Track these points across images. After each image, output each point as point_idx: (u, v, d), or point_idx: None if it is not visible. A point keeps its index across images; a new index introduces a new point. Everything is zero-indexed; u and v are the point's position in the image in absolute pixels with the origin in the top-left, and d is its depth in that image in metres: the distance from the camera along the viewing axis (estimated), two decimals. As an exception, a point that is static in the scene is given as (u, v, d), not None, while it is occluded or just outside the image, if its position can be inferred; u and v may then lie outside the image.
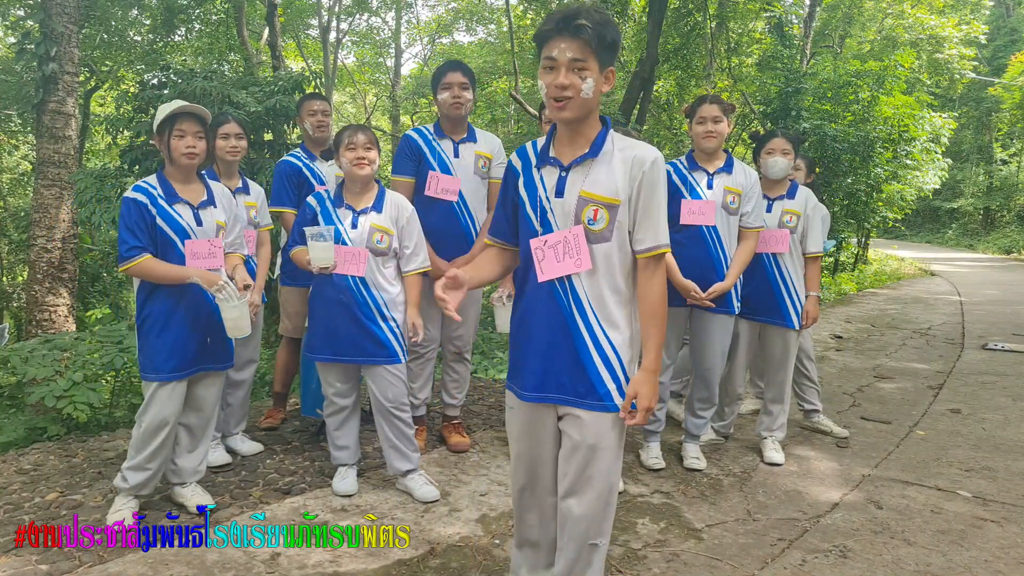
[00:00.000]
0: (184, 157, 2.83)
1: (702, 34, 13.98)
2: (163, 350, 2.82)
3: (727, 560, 2.69)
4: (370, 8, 24.57)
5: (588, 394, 1.97)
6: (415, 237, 3.19)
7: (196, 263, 2.84)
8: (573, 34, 1.82)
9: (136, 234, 2.76)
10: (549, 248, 1.96)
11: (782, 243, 3.66)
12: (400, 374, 3.15)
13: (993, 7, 26.53)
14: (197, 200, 2.92)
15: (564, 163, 1.98)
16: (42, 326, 8.17)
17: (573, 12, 1.82)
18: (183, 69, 6.54)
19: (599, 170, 1.94)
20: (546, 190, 1.99)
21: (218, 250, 2.93)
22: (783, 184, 3.75)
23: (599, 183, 1.93)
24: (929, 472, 3.67)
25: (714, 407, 3.74)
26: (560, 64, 1.84)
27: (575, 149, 1.97)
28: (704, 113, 3.42)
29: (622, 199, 1.92)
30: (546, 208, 1.98)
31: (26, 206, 13.34)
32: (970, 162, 26.61)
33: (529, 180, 2.04)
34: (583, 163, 1.95)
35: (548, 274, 1.96)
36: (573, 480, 2.00)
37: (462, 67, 3.62)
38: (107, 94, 16.39)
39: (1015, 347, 7.01)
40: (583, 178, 1.94)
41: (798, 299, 3.72)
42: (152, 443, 2.83)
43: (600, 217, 1.93)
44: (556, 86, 1.85)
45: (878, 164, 10.83)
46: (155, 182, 2.87)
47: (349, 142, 3.05)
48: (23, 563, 2.53)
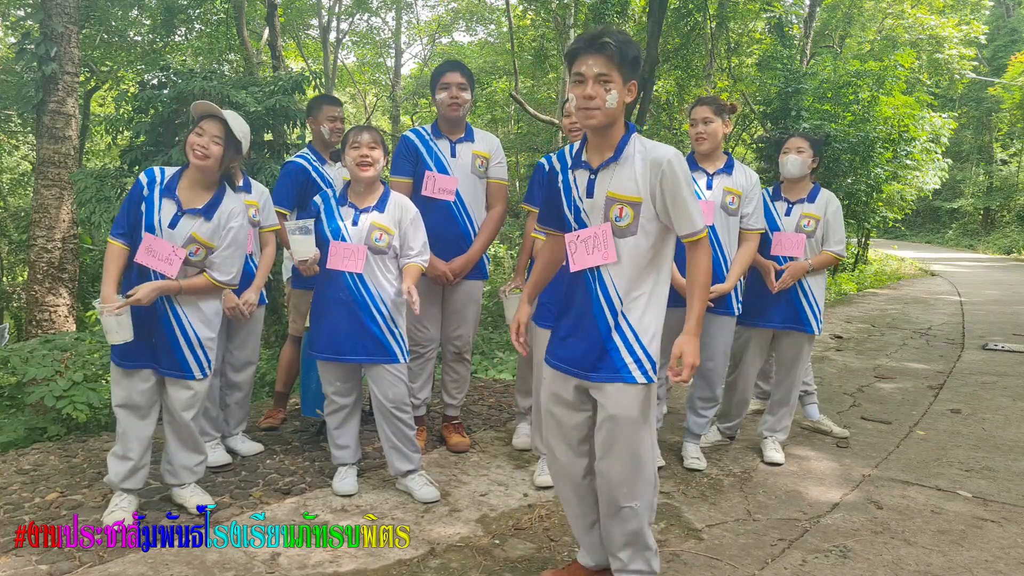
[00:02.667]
0: (193, 154, 2.81)
1: (702, 34, 13.98)
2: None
3: (727, 560, 2.69)
4: (370, 8, 24.56)
5: (607, 368, 2.19)
6: (421, 238, 3.16)
7: (149, 259, 2.78)
8: (599, 51, 2.08)
9: (127, 215, 2.83)
10: (581, 242, 2.22)
11: (797, 248, 3.60)
12: (401, 374, 3.15)
13: (993, 7, 26.51)
14: (190, 205, 2.84)
15: (593, 166, 2.22)
16: (42, 326, 8.17)
17: (599, 33, 2.11)
18: (183, 69, 6.53)
19: (623, 172, 2.17)
20: (578, 190, 2.25)
21: (176, 259, 2.79)
22: (804, 187, 3.68)
23: (623, 184, 2.17)
24: (929, 472, 3.67)
25: (716, 406, 3.73)
26: (588, 78, 2.10)
27: (603, 153, 2.21)
28: (695, 115, 3.45)
29: (644, 197, 2.15)
30: (579, 207, 2.25)
31: (26, 206, 13.35)
32: (970, 162, 26.61)
33: (565, 181, 2.31)
34: (609, 166, 2.19)
35: (579, 265, 2.23)
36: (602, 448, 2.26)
37: (460, 67, 3.62)
38: (107, 94, 16.40)
39: (1015, 347, 7.01)
40: (609, 179, 2.19)
41: (816, 303, 3.65)
42: (121, 426, 2.86)
43: (625, 214, 2.17)
44: (584, 96, 2.10)
45: (878, 164, 10.82)
46: (169, 172, 2.88)
47: (354, 141, 3.06)
48: (23, 563, 2.53)
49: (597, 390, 2.23)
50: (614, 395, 2.19)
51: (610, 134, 2.18)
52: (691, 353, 2.17)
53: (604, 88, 2.09)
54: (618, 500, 2.23)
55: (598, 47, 2.08)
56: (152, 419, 2.93)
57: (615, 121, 2.16)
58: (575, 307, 2.27)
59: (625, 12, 12.59)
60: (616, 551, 2.31)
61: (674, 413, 4.57)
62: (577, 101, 2.13)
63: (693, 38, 13.67)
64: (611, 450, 2.21)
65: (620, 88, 2.11)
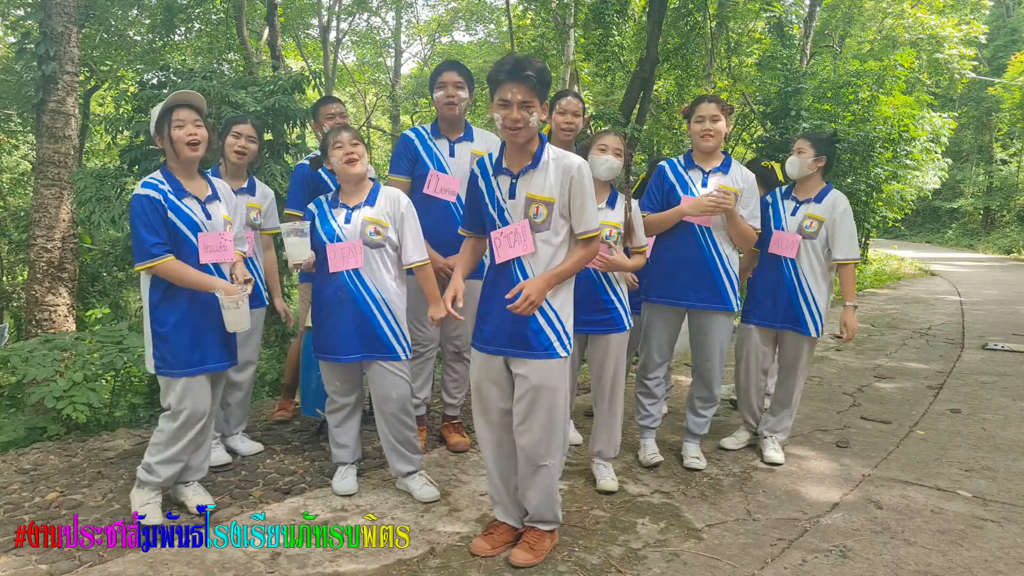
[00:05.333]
0: (187, 147, 2.81)
1: (702, 34, 13.97)
2: (186, 345, 2.83)
3: (727, 560, 2.69)
4: (370, 8, 24.54)
5: (535, 346, 2.53)
6: (414, 228, 3.17)
7: (209, 256, 2.85)
8: (522, 81, 2.41)
9: (157, 231, 2.75)
10: (504, 237, 2.55)
11: (791, 248, 3.60)
12: (403, 373, 3.13)
13: (993, 7, 26.48)
14: (204, 195, 2.92)
15: (514, 172, 2.55)
16: (42, 326, 8.16)
17: (521, 63, 2.42)
18: (183, 69, 6.52)
19: (539, 176, 2.52)
20: (502, 193, 2.57)
21: (228, 243, 2.94)
22: (813, 187, 3.66)
23: (539, 186, 2.52)
24: (929, 472, 3.67)
25: (715, 406, 3.73)
26: (512, 104, 2.42)
27: (522, 160, 2.55)
28: (702, 112, 3.41)
29: (556, 197, 2.50)
30: (503, 207, 2.57)
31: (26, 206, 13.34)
32: (970, 162, 26.59)
33: (488, 185, 2.62)
34: (528, 172, 2.53)
35: (503, 257, 2.55)
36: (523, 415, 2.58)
37: (458, 66, 3.62)
38: (107, 94, 16.37)
39: (1015, 347, 7.01)
40: (528, 183, 2.53)
41: (815, 305, 3.62)
42: (187, 435, 2.86)
43: (541, 212, 2.52)
44: (512, 119, 2.43)
45: (878, 164, 10.82)
46: (161, 177, 2.86)
47: (335, 142, 3.07)
48: (23, 563, 2.53)
49: (522, 365, 2.55)
50: (539, 369, 2.53)
51: (529, 145, 2.53)
52: (534, 290, 2.43)
53: (528, 112, 2.43)
54: (536, 460, 2.58)
55: (521, 78, 2.40)
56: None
57: (532, 137, 2.52)
58: (500, 295, 2.53)
59: (625, 12, 12.59)
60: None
61: (674, 413, 4.57)
62: (504, 121, 2.44)
63: (693, 38, 13.66)
64: (532, 416, 2.54)
65: (538, 110, 2.46)
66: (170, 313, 2.83)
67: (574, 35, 14.10)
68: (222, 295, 2.79)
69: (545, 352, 2.54)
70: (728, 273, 3.46)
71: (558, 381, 2.57)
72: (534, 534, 2.67)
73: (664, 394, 3.74)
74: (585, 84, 14.85)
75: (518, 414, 2.58)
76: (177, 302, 2.83)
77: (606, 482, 3.30)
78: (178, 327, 2.82)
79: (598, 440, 3.36)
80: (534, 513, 2.67)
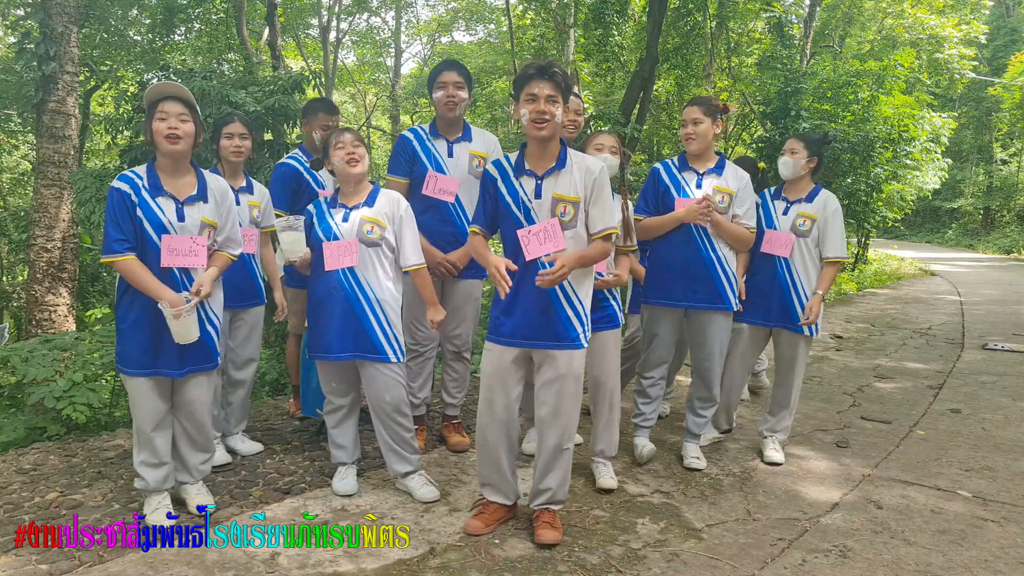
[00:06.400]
0: (166, 140, 2.74)
1: (702, 34, 13.98)
2: (140, 345, 2.78)
3: (727, 560, 2.69)
4: (370, 8, 24.54)
5: (564, 337, 2.70)
6: (412, 231, 3.17)
7: (173, 259, 2.76)
8: (550, 78, 2.60)
9: (121, 227, 2.72)
10: (533, 236, 2.65)
11: (785, 247, 3.61)
12: (396, 376, 3.12)
13: (993, 7, 26.49)
14: (184, 194, 2.83)
15: (538, 173, 2.69)
16: (42, 326, 8.16)
17: (549, 64, 2.62)
18: (183, 69, 6.53)
19: (565, 177, 2.68)
20: (527, 193, 2.70)
21: (200, 248, 2.81)
22: (803, 187, 3.67)
23: (566, 187, 2.68)
24: (929, 472, 3.67)
25: (714, 406, 3.73)
26: (540, 97, 2.59)
27: (546, 162, 2.70)
28: (685, 116, 3.48)
29: (581, 196, 2.68)
30: (529, 207, 2.70)
31: (26, 206, 13.34)
32: (970, 162, 26.58)
33: (510, 186, 2.74)
34: (553, 173, 2.69)
35: (533, 255, 2.66)
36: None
37: (457, 66, 3.61)
38: (107, 94, 16.36)
39: (1015, 347, 7.01)
40: (555, 183, 2.68)
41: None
42: (147, 436, 2.84)
43: (568, 211, 2.68)
44: (539, 111, 2.59)
45: (878, 164, 10.82)
46: (143, 172, 2.81)
47: (337, 142, 3.07)
48: (23, 563, 2.53)
49: (549, 356, 2.71)
50: (567, 359, 2.70)
51: (552, 145, 2.68)
52: (568, 263, 2.57)
53: (553, 106, 2.59)
54: (562, 444, 2.77)
55: (549, 75, 2.60)
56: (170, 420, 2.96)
57: (555, 135, 2.66)
58: (527, 290, 2.66)
59: (625, 12, 12.60)
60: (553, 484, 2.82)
61: (674, 413, 4.57)
62: (531, 115, 2.59)
63: (693, 38, 13.67)
64: (561, 404, 2.72)
65: (562, 108, 2.63)
66: (130, 311, 2.79)
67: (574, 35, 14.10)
68: (166, 307, 2.68)
69: (572, 343, 2.71)
70: (726, 273, 3.46)
71: (580, 370, 2.76)
72: (550, 514, 2.84)
73: (660, 395, 3.74)
74: (585, 84, 14.85)
75: (545, 403, 2.75)
76: (138, 301, 2.77)
77: (606, 480, 3.31)
78: (135, 326, 2.78)
79: (600, 439, 3.37)
80: (553, 494, 2.83)
